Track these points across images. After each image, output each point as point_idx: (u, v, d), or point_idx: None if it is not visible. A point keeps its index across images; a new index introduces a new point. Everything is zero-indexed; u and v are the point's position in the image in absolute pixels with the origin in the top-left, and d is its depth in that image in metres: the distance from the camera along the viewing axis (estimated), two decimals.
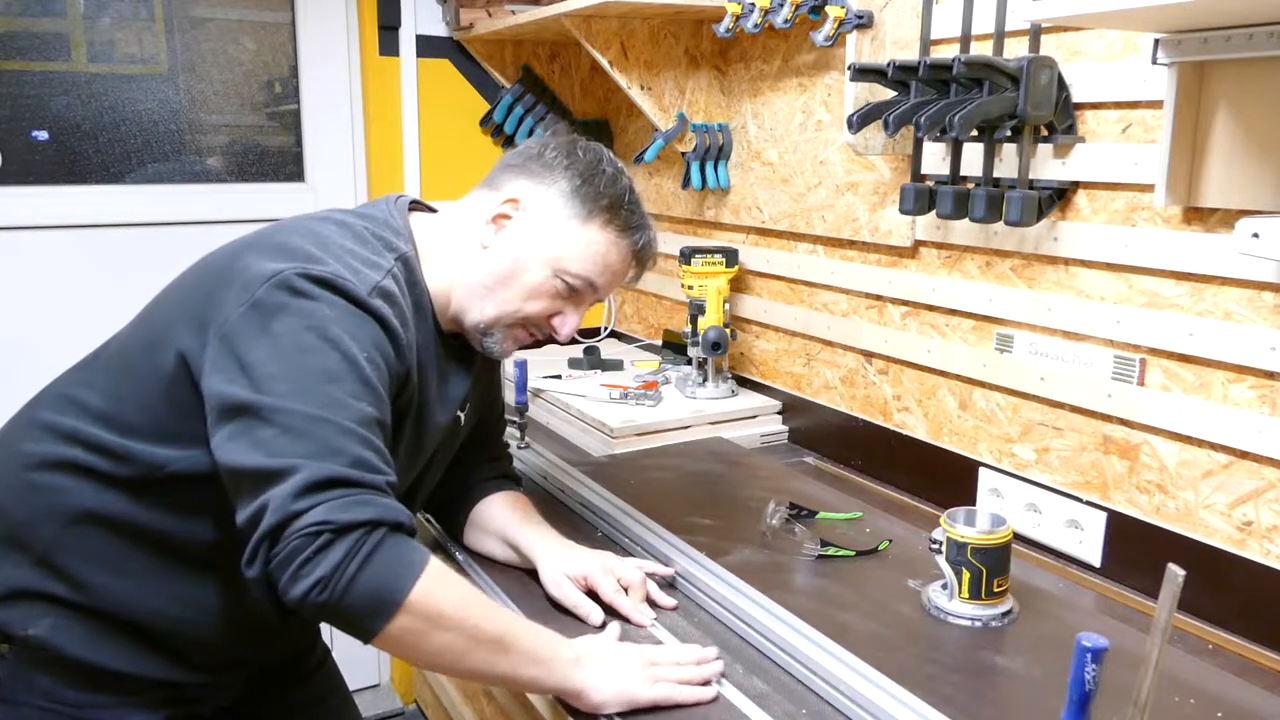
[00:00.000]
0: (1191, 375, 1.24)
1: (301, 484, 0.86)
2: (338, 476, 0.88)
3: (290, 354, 0.93)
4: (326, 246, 1.02)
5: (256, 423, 0.90)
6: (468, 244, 1.16)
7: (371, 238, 1.08)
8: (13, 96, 2.04)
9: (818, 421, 1.88)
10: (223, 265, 1.03)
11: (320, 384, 0.92)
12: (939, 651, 1.11)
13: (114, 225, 2.15)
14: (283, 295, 0.95)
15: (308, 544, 0.85)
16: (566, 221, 1.15)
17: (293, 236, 1.03)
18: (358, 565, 0.86)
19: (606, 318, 2.65)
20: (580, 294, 1.17)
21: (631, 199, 1.19)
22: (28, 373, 2.13)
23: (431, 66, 2.40)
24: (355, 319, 0.97)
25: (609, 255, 1.17)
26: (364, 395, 0.94)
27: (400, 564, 0.89)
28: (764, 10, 1.70)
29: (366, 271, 1.02)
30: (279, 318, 0.94)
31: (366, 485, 0.90)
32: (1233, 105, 1.12)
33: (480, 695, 1.69)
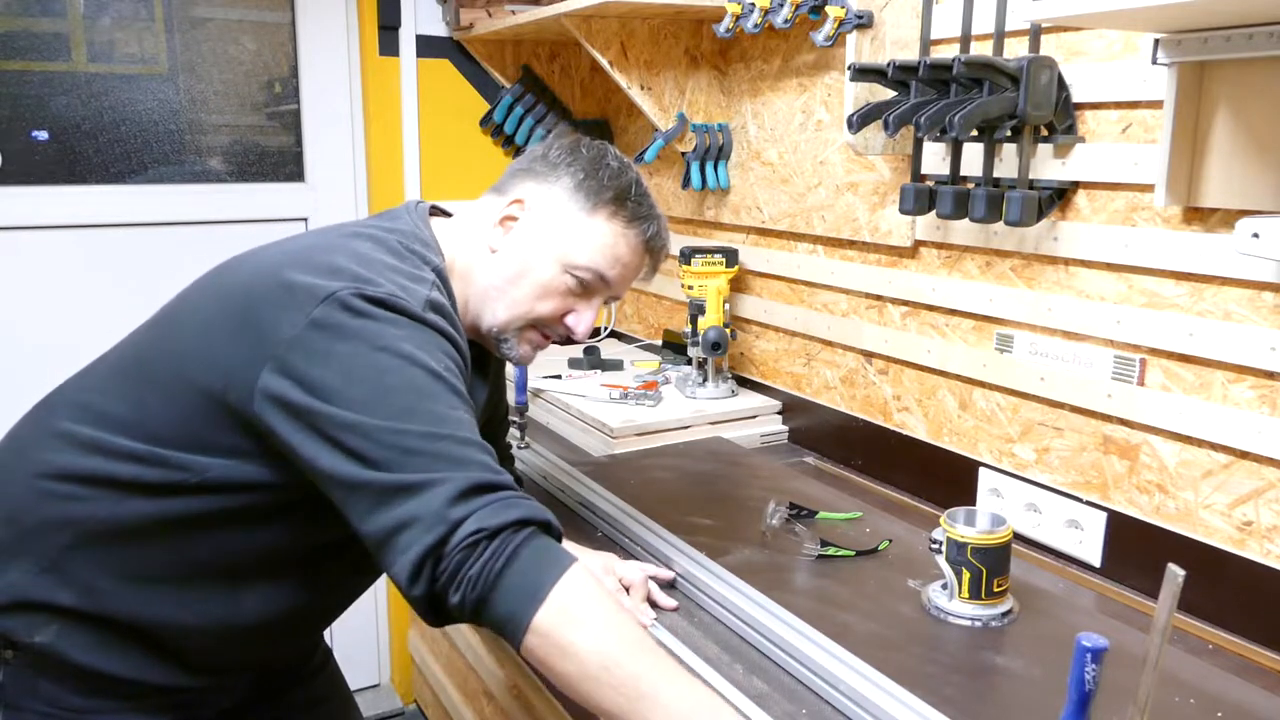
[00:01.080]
0: (1191, 375, 1.24)
1: (451, 494, 0.87)
2: (482, 483, 0.88)
3: (370, 376, 0.91)
4: (371, 265, 1.00)
5: (369, 444, 0.89)
6: (479, 249, 1.15)
7: (407, 252, 1.06)
8: (13, 96, 2.04)
9: (818, 421, 1.88)
10: (263, 281, 0.99)
11: (418, 401, 0.91)
12: (939, 651, 1.11)
13: (114, 225, 2.15)
14: (343, 316, 0.93)
15: (469, 555, 0.86)
16: (572, 215, 1.14)
17: (335, 255, 1.00)
18: (504, 562, 0.87)
19: (606, 318, 2.65)
20: (591, 289, 1.15)
21: (639, 190, 1.17)
22: (28, 372, 2.13)
23: (431, 66, 2.40)
24: (420, 334, 0.96)
25: (617, 247, 1.15)
26: (459, 404, 0.94)
27: (543, 567, 0.88)
28: (764, 10, 1.70)
29: (414, 287, 1.00)
30: (344, 340, 0.92)
31: (507, 487, 0.90)
32: (1233, 105, 1.12)
33: (480, 695, 1.69)
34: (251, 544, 1.02)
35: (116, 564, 1.01)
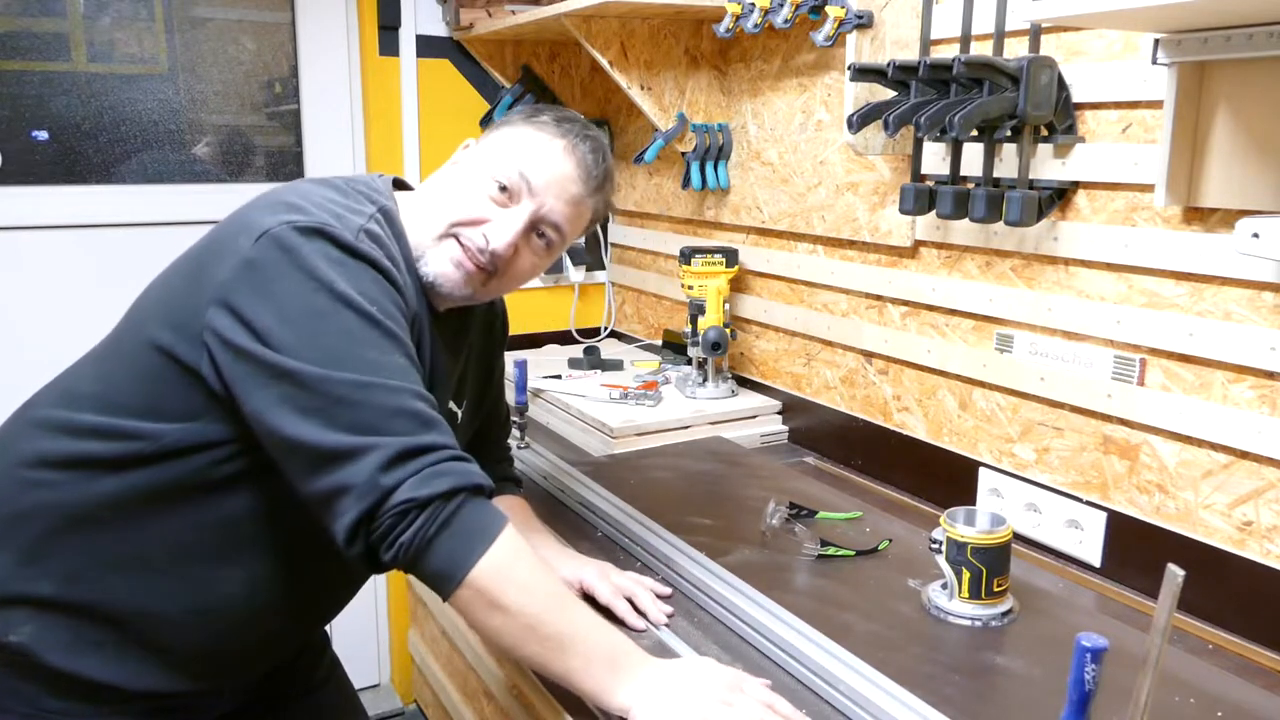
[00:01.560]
0: (1191, 375, 1.24)
1: (380, 462, 0.90)
2: (411, 448, 0.91)
3: (306, 318, 0.92)
4: (307, 197, 1.01)
5: (301, 393, 0.91)
6: (430, 188, 1.17)
7: (351, 190, 1.07)
8: (13, 96, 2.04)
9: (818, 421, 1.88)
10: (206, 242, 1.03)
11: (350, 347, 0.92)
12: (939, 651, 1.11)
13: (114, 225, 2.15)
14: (275, 252, 0.94)
15: (398, 522, 0.91)
16: (502, 133, 1.15)
17: (270, 196, 1.03)
18: (435, 529, 0.91)
19: (606, 318, 2.66)
20: (512, 192, 1.10)
21: (566, 116, 1.16)
22: (27, 373, 2.13)
23: (431, 66, 2.40)
24: (353, 268, 0.96)
25: (537, 147, 1.11)
26: (392, 347, 0.95)
27: (474, 532, 0.93)
28: (764, 10, 1.70)
29: (349, 217, 1.00)
30: (280, 280, 0.93)
31: (438, 448, 0.93)
32: (1233, 105, 1.12)
33: (480, 695, 1.69)
34: (219, 516, 1.01)
35: (91, 549, 1.01)
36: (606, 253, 2.63)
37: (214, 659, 1.09)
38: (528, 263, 1.14)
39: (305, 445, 0.91)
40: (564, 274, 2.57)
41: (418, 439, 0.92)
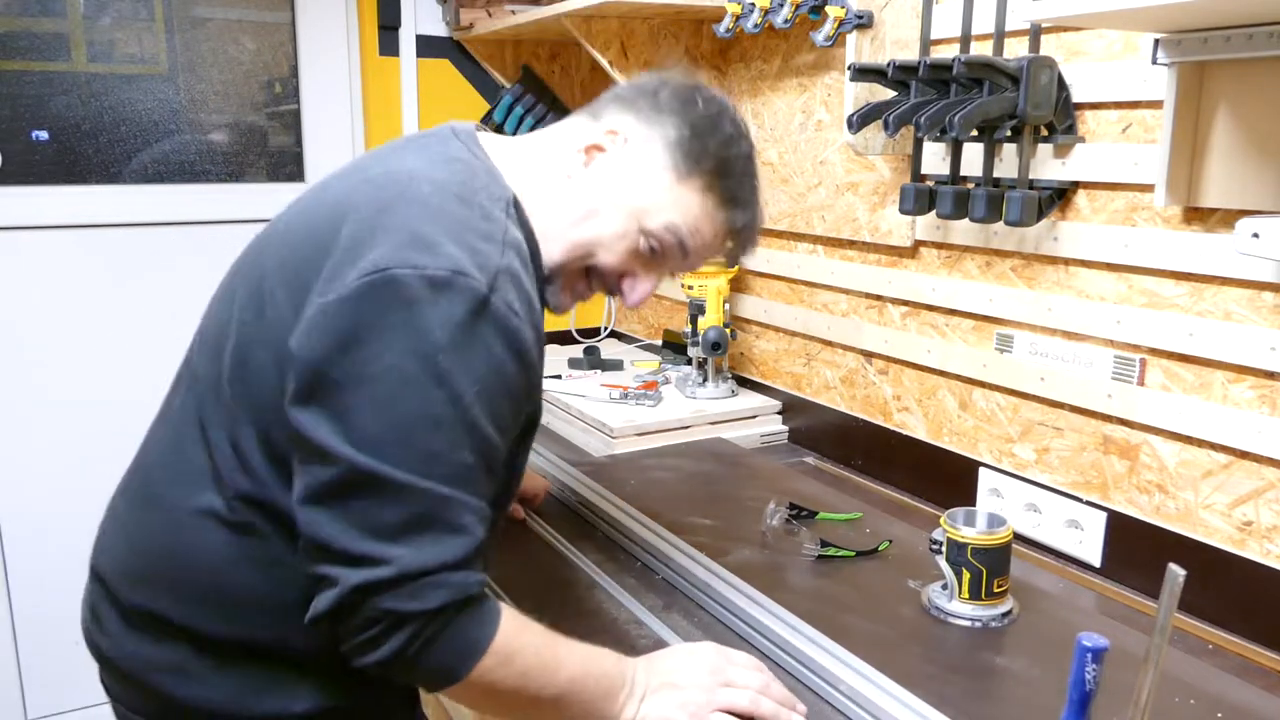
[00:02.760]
0: (1191, 375, 1.24)
1: (373, 579, 0.82)
2: (416, 569, 0.82)
3: (387, 383, 0.82)
4: (437, 218, 0.87)
5: (338, 480, 0.83)
6: (553, 172, 1.01)
7: (472, 189, 0.92)
8: (13, 96, 2.04)
9: (818, 421, 1.88)
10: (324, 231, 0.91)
11: (414, 434, 0.82)
12: (939, 652, 1.11)
13: (114, 225, 2.15)
14: (388, 298, 0.83)
15: (371, 627, 0.83)
16: (663, 172, 1.00)
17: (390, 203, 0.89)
18: (416, 651, 0.84)
19: (606, 318, 2.66)
20: (661, 258, 1.02)
21: (746, 168, 1.03)
22: (27, 373, 2.14)
23: (431, 66, 2.40)
24: (475, 336, 0.84)
25: (700, 223, 1.01)
26: (466, 441, 0.85)
27: (463, 647, 0.86)
28: (764, 10, 1.70)
29: (483, 249, 0.87)
30: (380, 332, 0.82)
31: (444, 568, 0.84)
32: (1233, 105, 1.12)
33: None
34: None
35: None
36: None
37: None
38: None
39: (314, 535, 0.84)
40: None
41: (430, 555, 0.83)
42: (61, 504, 2.15)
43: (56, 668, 2.22)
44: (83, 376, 2.15)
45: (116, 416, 2.01)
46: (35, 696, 2.23)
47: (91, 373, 2.16)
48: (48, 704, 2.24)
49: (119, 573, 1.01)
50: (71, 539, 2.18)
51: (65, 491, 2.14)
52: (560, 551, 1.39)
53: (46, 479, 2.15)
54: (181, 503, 0.97)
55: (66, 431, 2.15)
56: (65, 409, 2.15)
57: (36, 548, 2.19)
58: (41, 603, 2.20)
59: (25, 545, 2.17)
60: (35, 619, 2.20)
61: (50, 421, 2.14)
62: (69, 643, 2.22)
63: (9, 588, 2.18)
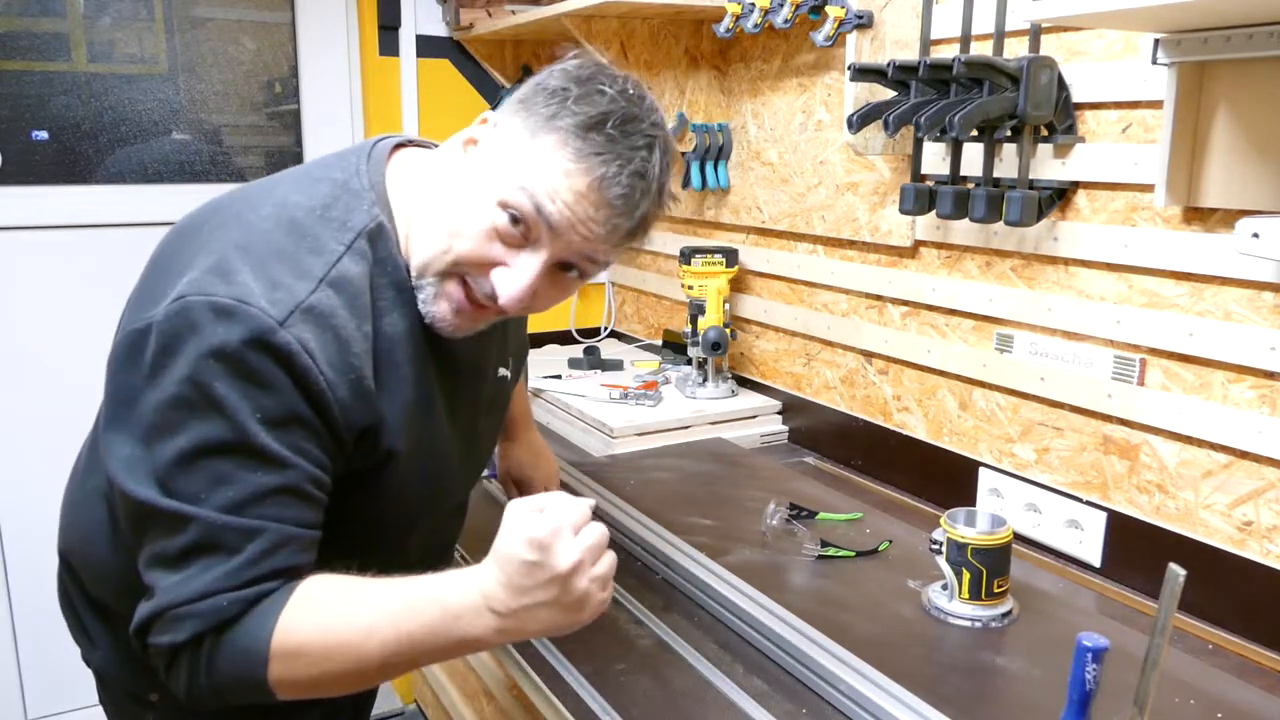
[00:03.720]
0: (1191, 375, 1.24)
1: (144, 614, 0.84)
2: (162, 605, 0.83)
3: (171, 410, 0.83)
4: (251, 248, 0.86)
5: (130, 514, 0.87)
6: (442, 178, 0.95)
7: (324, 220, 0.90)
8: (13, 96, 2.04)
9: (818, 421, 1.88)
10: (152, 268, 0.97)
11: (200, 461, 0.82)
12: (939, 652, 1.11)
13: (114, 225, 2.15)
14: (175, 325, 0.83)
15: (161, 665, 0.86)
16: (520, 139, 0.89)
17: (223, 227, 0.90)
18: (204, 678, 0.84)
19: (606, 318, 2.66)
20: (528, 234, 0.89)
21: (616, 124, 0.87)
22: (27, 373, 2.14)
23: (431, 66, 2.39)
24: (249, 366, 0.82)
25: (556, 183, 0.87)
26: (256, 466, 0.83)
27: (242, 661, 0.84)
28: (764, 10, 1.70)
29: (292, 284, 0.85)
30: (168, 359, 0.83)
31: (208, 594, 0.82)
32: (1233, 105, 1.12)
33: (480, 695, 1.69)
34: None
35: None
36: None
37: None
38: (552, 296, 0.95)
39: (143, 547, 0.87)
40: None
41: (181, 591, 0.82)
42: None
43: (56, 668, 2.22)
44: (83, 377, 2.15)
45: None
46: (35, 696, 2.23)
47: (92, 373, 2.15)
48: (48, 704, 2.24)
49: (63, 551, 1.11)
50: None
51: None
52: None
53: (46, 479, 2.14)
54: (82, 482, 1.06)
55: (67, 431, 2.14)
56: (65, 409, 2.14)
57: (36, 548, 2.18)
58: (41, 603, 2.19)
59: (25, 545, 2.17)
60: (35, 619, 2.20)
61: (50, 421, 2.13)
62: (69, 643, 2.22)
63: (9, 588, 2.18)
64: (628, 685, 1.04)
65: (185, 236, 0.95)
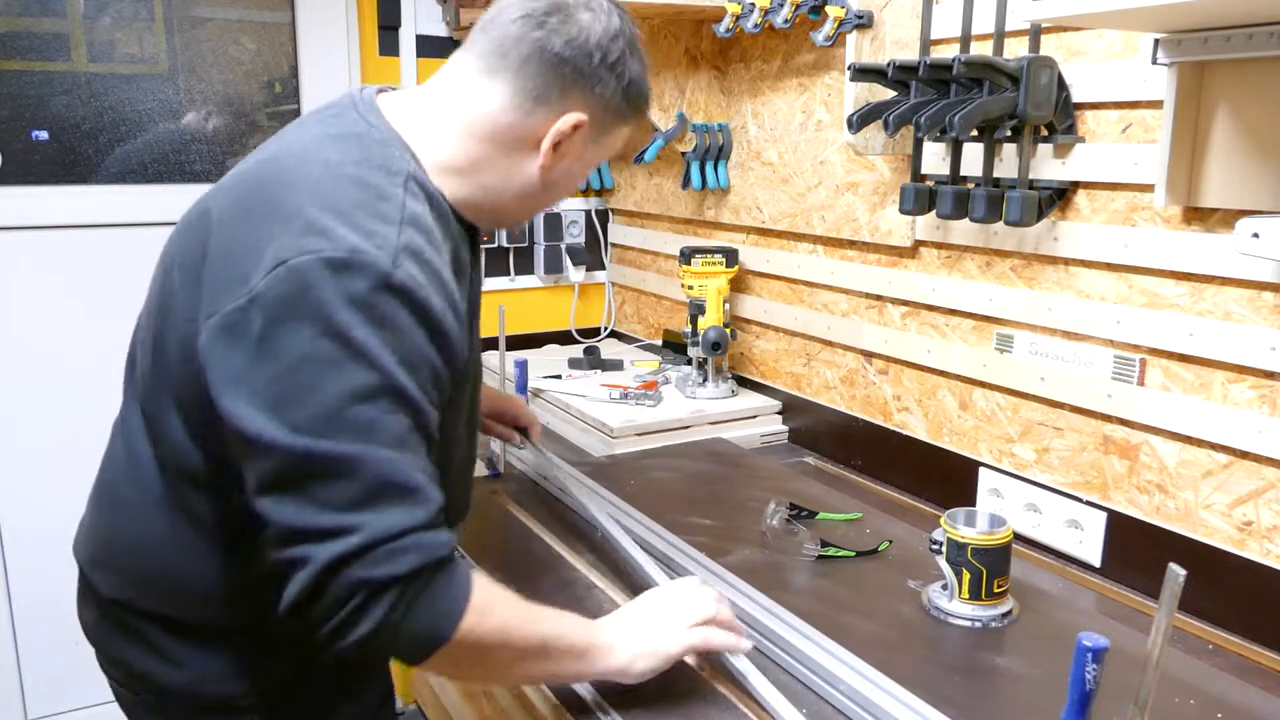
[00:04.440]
0: (1191, 375, 1.24)
1: (338, 552, 0.82)
2: (375, 537, 0.82)
3: (305, 371, 0.82)
4: (331, 202, 0.87)
5: (278, 469, 0.83)
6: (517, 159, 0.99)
7: (368, 167, 0.92)
8: (13, 96, 2.04)
9: (818, 421, 1.88)
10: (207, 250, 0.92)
11: (345, 406, 0.82)
12: (939, 652, 1.11)
13: (114, 225, 2.15)
14: (290, 290, 0.83)
15: (344, 603, 0.82)
16: (614, 128, 1.05)
17: (281, 190, 0.90)
18: (400, 617, 0.84)
19: (606, 318, 2.66)
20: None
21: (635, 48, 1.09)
22: (27, 373, 2.14)
23: (431, 66, 2.39)
24: (381, 307, 0.84)
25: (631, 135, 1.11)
26: (395, 405, 0.85)
27: (441, 610, 0.86)
28: (764, 10, 1.70)
29: (381, 229, 0.86)
30: (287, 321, 0.82)
31: (411, 530, 0.84)
32: (1233, 105, 1.12)
33: (480, 695, 1.69)
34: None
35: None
36: (606, 253, 2.63)
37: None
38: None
39: (276, 523, 0.84)
40: (564, 274, 2.57)
41: (395, 519, 0.83)
42: (61, 504, 2.14)
43: (56, 668, 2.22)
44: (83, 377, 2.15)
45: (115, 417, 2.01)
46: (35, 696, 2.23)
47: (92, 373, 2.15)
48: (48, 704, 2.24)
49: (92, 565, 1.07)
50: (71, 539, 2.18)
51: (65, 491, 2.13)
52: (559, 552, 1.39)
53: (47, 479, 2.15)
54: (140, 498, 1.01)
55: (67, 431, 2.15)
56: (65, 409, 2.14)
57: (36, 548, 2.18)
58: (41, 603, 2.20)
59: (25, 545, 2.17)
60: (35, 619, 2.20)
61: (50, 421, 2.13)
62: (69, 643, 2.22)
63: (9, 588, 2.18)
64: (628, 685, 1.04)
65: (231, 220, 0.91)
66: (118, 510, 1.04)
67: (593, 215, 2.60)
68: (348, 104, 0.99)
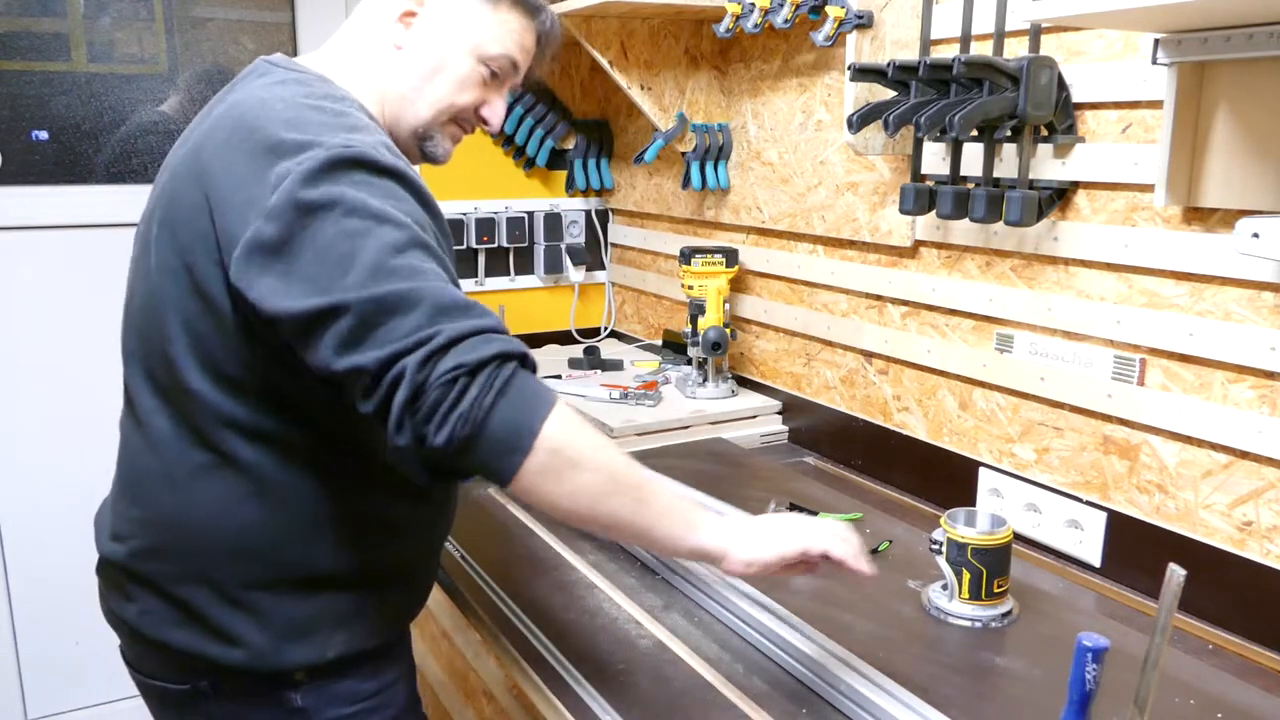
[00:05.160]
0: (1191, 375, 1.24)
1: (429, 350, 0.85)
2: (458, 333, 0.86)
3: (341, 245, 0.87)
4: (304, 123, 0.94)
5: (352, 325, 0.86)
6: (380, 52, 1.12)
7: (320, 101, 1.00)
8: (13, 96, 2.04)
9: (818, 421, 1.88)
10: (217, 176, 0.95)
11: (388, 257, 0.88)
12: (939, 652, 1.11)
13: (114, 225, 2.15)
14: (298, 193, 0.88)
15: (447, 392, 0.85)
16: (477, 8, 1.12)
17: (256, 121, 0.95)
18: (493, 397, 0.86)
19: (606, 317, 2.66)
20: (502, 78, 1.15)
21: None
22: (27, 373, 2.14)
23: None
24: (382, 186, 0.92)
25: (523, 37, 1.15)
26: (427, 255, 0.91)
27: (533, 397, 0.88)
28: (764, 10, 1.70)
29: (358, 135, 0.95)
30: (310, 219, 0.88)
31: (484, 330, 0.88)
32: (1233, 105, 1.12)
33: (480, 695, 1.69)
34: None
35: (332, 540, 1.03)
36: (606, 253, 2.63)
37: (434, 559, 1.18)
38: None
39: (363, 370, 0.86)
40: (564, 274, 2.57)
41: (469, 323, 0.87)
42: (61, 504, 2.15)
43: (56, 668, 2.22)
44: (82, 376, 2.15)
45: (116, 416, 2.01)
46: (35, 696, 2.23)
47: (91, 373, 2.15)
48: (48, 704, 2.24)
49: (142, 557, 1.04)
50: (71, 539, 2.18)
51: (65, 491, 2.14)
52: (559, 552, 1.39)
53: (47, 479, 2.15)
54: (181, 474, 1.01)
55: (67, 431, 2.15)
56: (65, 409, 2.15)
57: (36, 548, 2.19)
58: (41, 603, 2.20)
59: (25, 545, 2.17)
60: (35, 619, 2.20)
61: (50, 421, 2.14)
62: (69, 643, 2.22)
63: (9, 588, 2.18)
64: (628, 685, 1.04)
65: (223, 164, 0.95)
66: (164, 493, 1.03)
67: (593, 215, 2.60)
68: (264, 67, 1.08)
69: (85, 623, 2.19)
